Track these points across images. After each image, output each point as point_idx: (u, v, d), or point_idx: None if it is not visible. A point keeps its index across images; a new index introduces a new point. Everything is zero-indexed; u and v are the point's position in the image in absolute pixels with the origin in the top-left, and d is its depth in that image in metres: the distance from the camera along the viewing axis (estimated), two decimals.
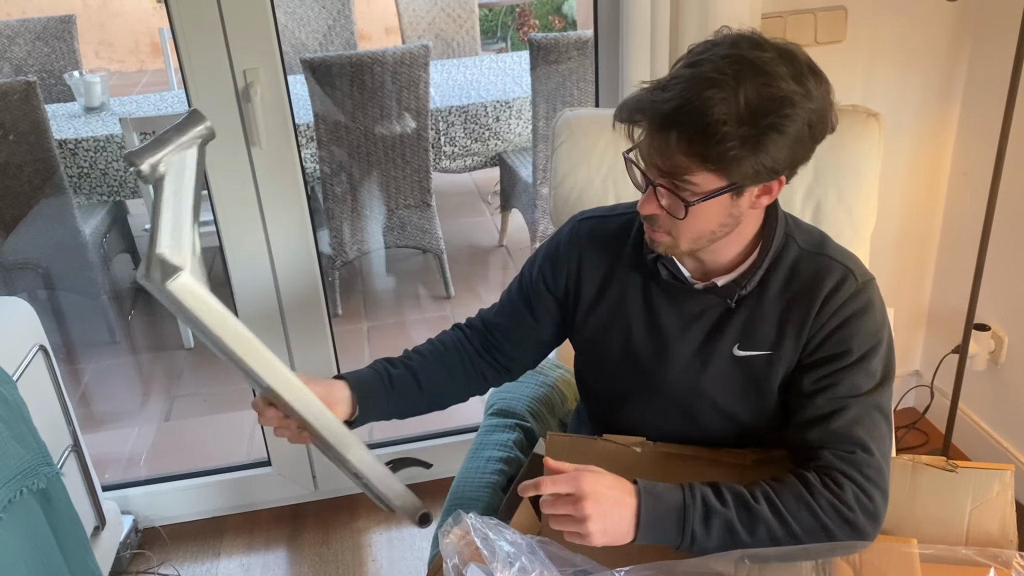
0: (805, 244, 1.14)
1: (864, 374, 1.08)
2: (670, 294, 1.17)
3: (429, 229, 3.25)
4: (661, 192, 1.02)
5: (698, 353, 1.16)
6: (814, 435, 1.08)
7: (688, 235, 1.06)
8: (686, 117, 0.95)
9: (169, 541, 2.15)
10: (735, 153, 0.96)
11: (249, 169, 1.88)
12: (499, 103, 3.37)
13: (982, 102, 2.06)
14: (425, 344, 1.30)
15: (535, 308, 1.27)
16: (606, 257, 1.22)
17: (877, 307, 1.11)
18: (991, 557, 1.04)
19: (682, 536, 1.03)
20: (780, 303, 1.12)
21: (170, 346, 3.13)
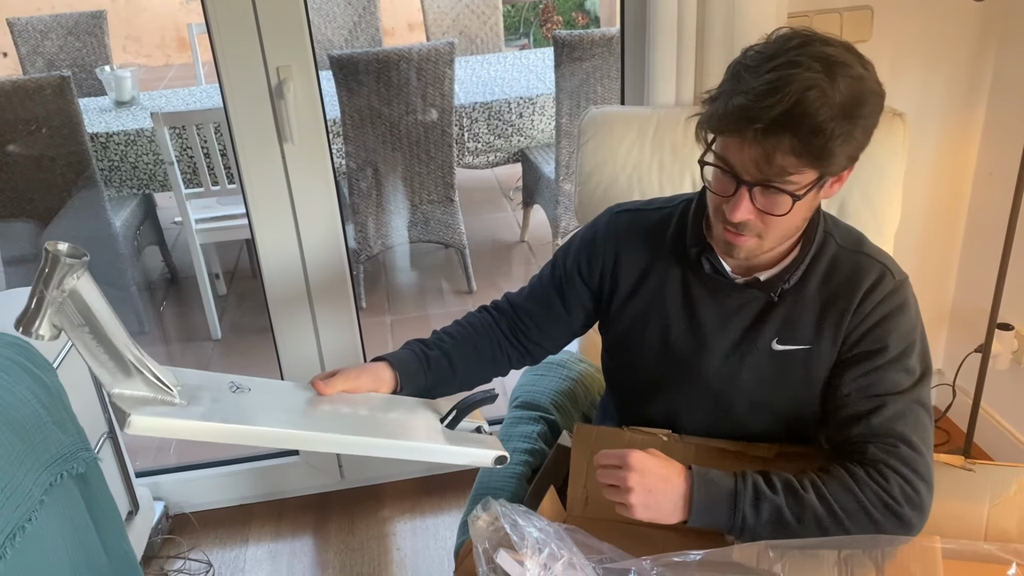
0: (843, 241, 1.16)
1: (903, 371, 1.11)
2: (710, 288, 1.19)
3: (452, 224, 3.28)
4: (756, 194, 1.03)
5: (737, 347, 1.18)
6: (857, 431, 1.10)
7: (778, 232, 1.08)
8: (797, 120, 0.96)
9: (199, 527, 2.20)
10: (836, 147, 0.98)
11: (281, 164, 1.92)
12: (523, 100, 3.40)
13: (1008, 102, 2.06)
14: (454, 326, 1.33)
15: (567, 297, 1.29)
16: (645, 250, 1.24)
17: (912, 305, 1.13)
18: (1013, 553, 1.05)
19: (732, 520, 1.05)
20: (819, 298, 1.14)
21: (198, 337, 3.18)
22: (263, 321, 2.09)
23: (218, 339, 3.16)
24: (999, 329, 2.11)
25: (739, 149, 1.01)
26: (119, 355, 0.99)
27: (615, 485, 1.06)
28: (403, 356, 1.25)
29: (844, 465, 1.08)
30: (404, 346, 1.29)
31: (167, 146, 2.91)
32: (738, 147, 1.01)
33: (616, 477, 1.06)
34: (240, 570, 2.07)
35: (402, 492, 2.29)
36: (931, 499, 1.08)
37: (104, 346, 0.98)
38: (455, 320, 1.35)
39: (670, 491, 1.06)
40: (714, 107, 1.03)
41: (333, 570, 2.05)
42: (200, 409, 1.03)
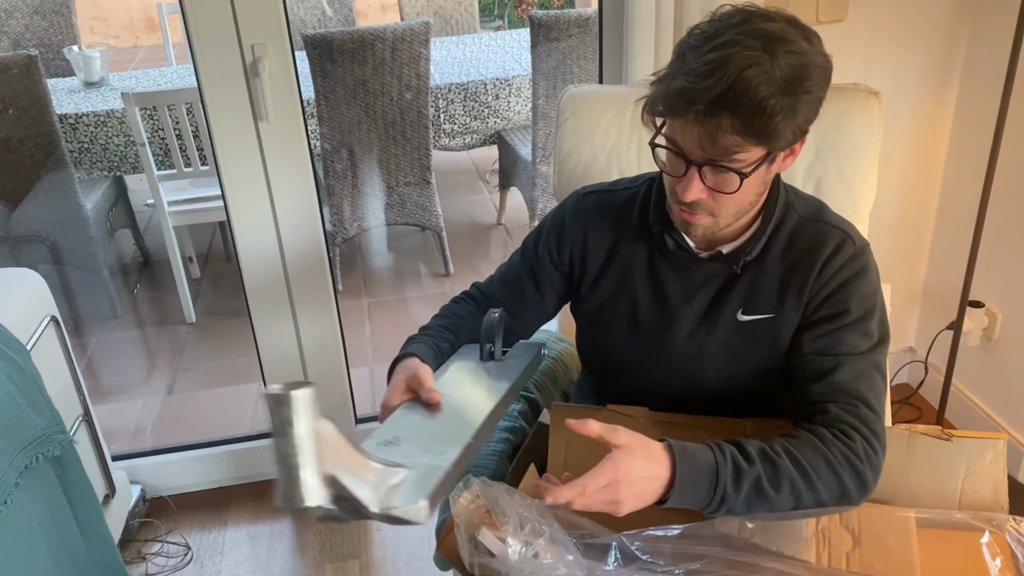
0: (804, 211, 1.18)
1: (863, 335, 1.12)
2: (675, 264, 1.21)
3: (429, 207, 3.27)
4: (706, 173, 1.04)
5: (703, 320, 1.20)
6: (817, 389, 1.11)
7: (731, 210, 1.09)
8: (736, 99, 0.96)
9: (176, 510, 2.19)
10: (779, 124, 0.99)
11: (257, 143, 1.90)
12: (499, 81, 3.38)
13: (981, 82, 2.09)
14: (448, 319, 1.32)
15: (540, 283, 1.30)
16: (611, 230, 1.25)
17: (872, 271, 1.15)
18: (985, 521, 1.07)
19: (712, 497, 1.02)
20: (781, 268, 1.16)
21: (172, 320, 3.15)
22: (238, 304, 2.07)
23: (192, 323, 3.13)
24: (970, 307, 2.14)
25: (683, 130, 1.02)
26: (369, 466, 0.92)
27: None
28: (425, 353, 1.22)
29: (808, 428, 1.09)
30: (416, 340, 1.26)
31: (138, 127, 2.86)
32: (682, 128, 1.02)
33: (607, 500, 0.99)
34: (219, 552, 2.06)
35: None
36: (882, 463, 1.09)
37: (358, 468, 0.90)
38: (441, 311, 1.34)
39: (656, 486, 1.01)
40: (657, 90, 1.03)
41: (313, 551, 2.05)
42: (426, 460, 0.98)
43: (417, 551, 2.03)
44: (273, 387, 0.86)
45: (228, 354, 2.93)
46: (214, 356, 2.94)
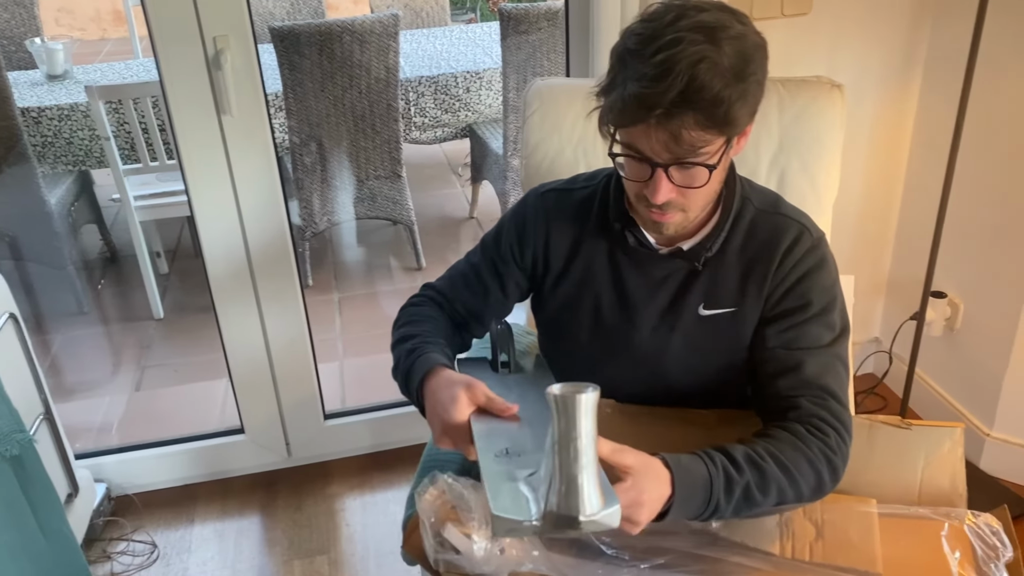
0: (761, 204, 1.19)
1: (825, 326, 1.13)
2: (636, 260, 1.21)
3: (400, 200, 3.26)
4: (672, 173, 1.04)
5: (665, 315, 1.20)
6: (786, 384, 1.11)
7: (700, 203, 1.09)
8: (695, 96, 0.96)
9: (143, 508, 2.16)
10: (736, 111, 0.99)
11: (220, 137, 1.87)
12: (469, 74, 3.37)
13: (942, 76, 2.11)
14: (429, 324, 1.26)
15: (505, 282, 1.29)
16: (573, 227, 1.24)
17: (831, 262, 1.16)
18: (944, 514, 1.09)
19: (705, 508, 1.02)
20: (741, 261, 1.16)
21: (139, 317, 3.11)
22: (206, 300, 2.05)
23: (160, 318, 3.10)
24: (933, 297, 2.17)
25: (646, 136, 1.01)
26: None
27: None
28: (446, 362, 1.18)
29: (783, 425, 1.10)
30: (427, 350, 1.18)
31: (103, 121, 2.82)
32: (644, 134, 1.01)
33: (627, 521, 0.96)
34: (186, 550, 2.04)
35: (351, 468, 2.28)
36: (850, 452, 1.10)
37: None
38: (412, 317, 1.28)
39: (660, 503, 0.99)
40: (610, 100, 1.02)
41: (281, 547, 2.04)
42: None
43: (386, 546, 2.02)
44: (555, 388, 0.85)
45: (196, 350, 2.90)
46: (182, 352, 2.91)
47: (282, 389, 2.20)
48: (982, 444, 2.15)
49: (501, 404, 1.05)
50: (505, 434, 1.03)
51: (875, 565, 1.03)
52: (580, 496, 0.84)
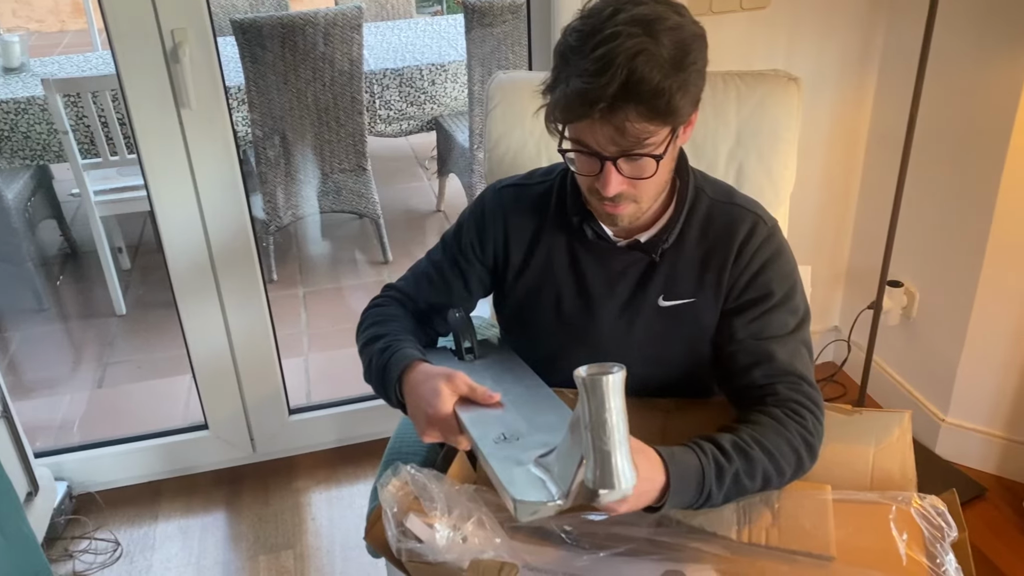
0: (715, 194, 1.21)
1: (789, 312, 1.16)
2: (595, 254, 1.22)
3: (365, 194, 3.24)
4: (621, 165, 1.05)
5: (626, 307, 1.21)
6: (760, 374, 1.14)
7: (651, 193, 1.11)
8: (636, 88, 0.98)
9: (105, 506, 2.14)
10: (678, 101, 1.01)
11: (179, 131, 1.86)
12: (434, 66, 3.36)
13: (898, 69, 2.15)
14: (397, 323, 1.26)
15: (468, 279, 1.29)
16: (532, 222, 1.25)
17: (787, 248, 1.19)
18: (891, 498, 1.11)
19: (698, 498, 1.03)
20: (698, 252, 1.18)
21: (101, 313, 3.07)
22: (169, 295, 2.03)
23: (123, 315, 3.06)
24: (889, 286, 2.21)
25: (591, 130, 1.03)
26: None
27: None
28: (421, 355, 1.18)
29: (762, 410, 1.12)
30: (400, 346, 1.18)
31: (60, 115, 2.78)
32: (589, 128, 1.03)
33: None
34: (150, 547, 2.03)
35: (316, 462, 2.28)
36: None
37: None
38: (379, 317, 1.28)
39: (652, 490, 1.00)
40: (555, 97, 1.04)
41: (247, 542, 2.03)
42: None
43: (352, 539, 2.02)
44: (582, 371, 0.87)
45: (159, 346, 2.87)
46: (145, 349, 2.88)
47: (246, 384, 2.19)
48: (937, 430, 2.20)
49: (484, 392, 1.07)
50: (495, 420, 1.06)
51: (829, 549, 1.05)
52: (616, 472, 0.86)
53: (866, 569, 0.99)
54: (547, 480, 0.94)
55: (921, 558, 1.00)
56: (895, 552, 1.01)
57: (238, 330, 2.11)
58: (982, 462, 2.17)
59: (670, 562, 1.07)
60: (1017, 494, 2.07)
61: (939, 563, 0.99)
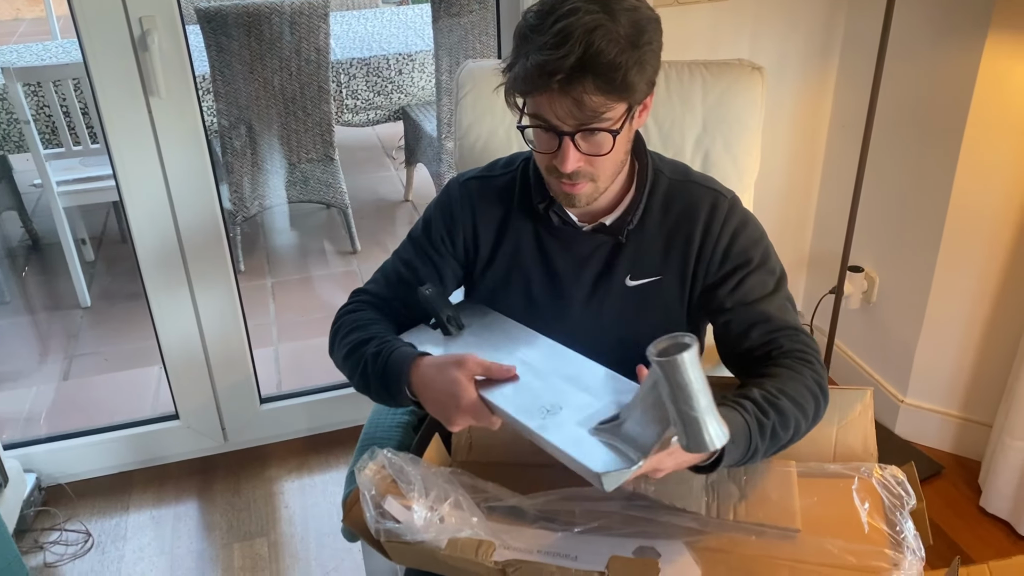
0: (672, 174, 1.24)
1: (768, 273, 1.20)
2: (561, 239, 1.24)
3: (333, 183, 3.24)
4: (578, 141, 1.08)
5: (594, 291, 1.24)
6: (757, 333, 1.18)
7: (608, 171, 1.13)
8: (592, 61, 1.01)
9: (75, 498, 2.13)
10: (633, 77, 1.04)
11: (148, 120, 1.85)
12: (401, 56, 3.36)
13: (858, 58, 2.20)
14: (375, 326, 1.25)
15: (442, 272, 1.29)
16: (498, 212, 1.27)
17: (751, 216, 1.23)
18: (854, 469, 1.16)
19: (746, 454, 1.04)
20: (662, 231, 1.22)
21: (65, 305, 3.04)
22: (135, 287, 2.02)
23: (87, 307, 3.02)
24: (850, 271, 2.27)
25: (550, 103, 1.05)
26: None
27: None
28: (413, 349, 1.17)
29: (773, 364, 1.15)
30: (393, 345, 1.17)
31: (21, 104, 2.73)
32: (548, 102, 1.05)
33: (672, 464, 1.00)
34: (121, 538, 2.02)
35: (288, 451, 2.28)
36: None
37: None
38: (357, 323, 1.25)
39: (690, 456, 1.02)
40: (514, 72, 1.06)
41: (220, 531, 2.03)
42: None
43: (325, 527, 2.04)
44: (653, 351, 0.87)
45: (126, 338, 2.85)
46: (111, 340, 2.86)
47: (217, 374, 2.18)
48: (896, 410, 2.27)
49: (499, 368, 1.08)
50: (525, 393, 1.06)
51: (794, 521, 1.08)
52: (708, 435, 0.89)
53: (830, 538, 1.03)
54: (618, 445, 0.96)
55: (882, 526, 1.04)
56: (858, 521, 1.05)
57: (209, 320, 2.11)
58: (939, 441, 2.24)
59: (642, 537, 1.10)
60: (972, 471, 2.14)
61: (899, 530, 1.03)
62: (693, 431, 0.89)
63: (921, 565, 0.99)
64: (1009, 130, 1.88)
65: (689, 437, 0.90)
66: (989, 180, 1.94)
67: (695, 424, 0.89)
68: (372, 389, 1.19)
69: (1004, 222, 1.96)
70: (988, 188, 1.95)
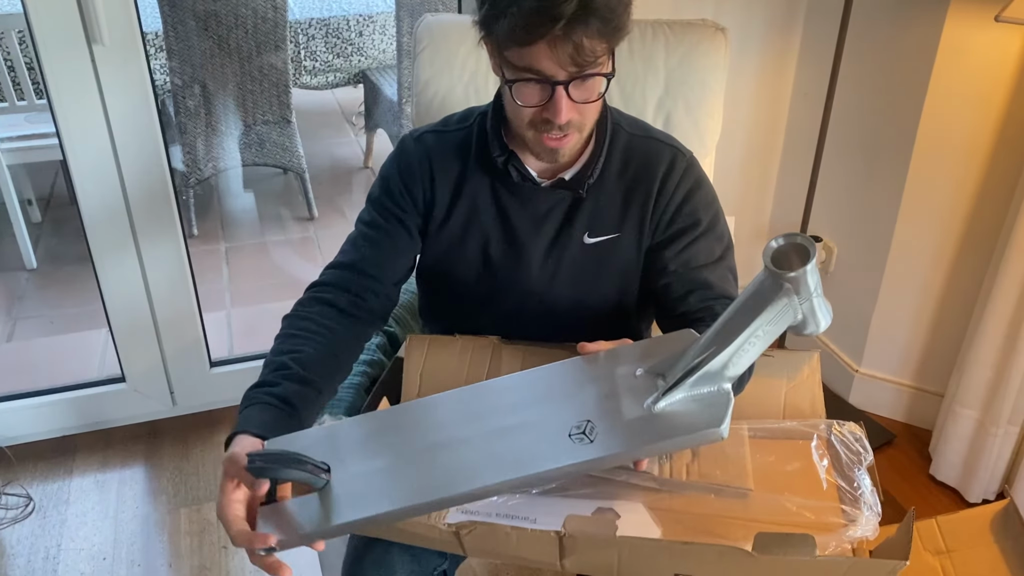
0: (632, 128, 1.22)
1: (715, 239, 1.19)
2: (519, 195, 1.21)
3: (290, 147, 3.16)
4: (571, 91, 1.04)
5: (552, 247, 1.21)
6: (694, 299, 1.16)
7: (593, 118, 1.11)
8: (592, 4, 0.98)
9: (15, 461, 2.06)
10: (625, 17, 1.02)
11: (92, 70, 1.77)
12: (362, 17, 3.29)
13: (820, 27, 2.19)
14: (302, 338, 1.12)
15: (408, 226, 1.23)
16: (454, 167, 1.22)
17: (706, 179, 1.22)
18: (812, 427, 1.16)
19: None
20: (620, 187, 1.19)
21: (9, 267, 2.94)
22: (83, 249, 1.95)
23: (33, 269, 2.93)
24: None
25: (549, 50, 1.00)
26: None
27: None
28: (266, 419, 1.00)
29: (706, 327, 1.13)
30: (250, 400, 1.03)
31: None
32: (548, 49, 1.00)
33: None
34: (64, 502, 1.97)
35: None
36: None
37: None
38: (292, 324, 1.15)
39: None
40: (505, 23, 1.00)
41: (167, 496, 1.99)
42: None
43: None
44: (769, 261, 0.81)
45: (73, 301, 2.76)
46: (58, 303, 2.77)
47: (165, 337, 2.12)
48: (851, 380, 2.28)
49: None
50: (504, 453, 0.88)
51: (746, 481, 1.08)
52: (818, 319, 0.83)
53: (788, 495, 1.03)
54: (688, 397, 0.87)
55: (839, 481, 1.04)
56: (816, 477, 1.05)
57: (157, 282, 2.05)
58: (892, 410, 2.26)
59: (601, 499, 1.09)
60: (923, 440, 2.17)
61: (856, 486, 1.03)
62: (809, 315, 0.83)
63: (877, 520, 1.00)
64: (968, 101, 1.88)
65: (804, 322, 0.83)
66: (947, 153, 1.95)
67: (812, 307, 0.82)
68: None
69: (961, 195, 1.97)
70: (946, 161, 1.95)
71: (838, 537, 0.99)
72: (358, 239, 1.24)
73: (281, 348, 1.11)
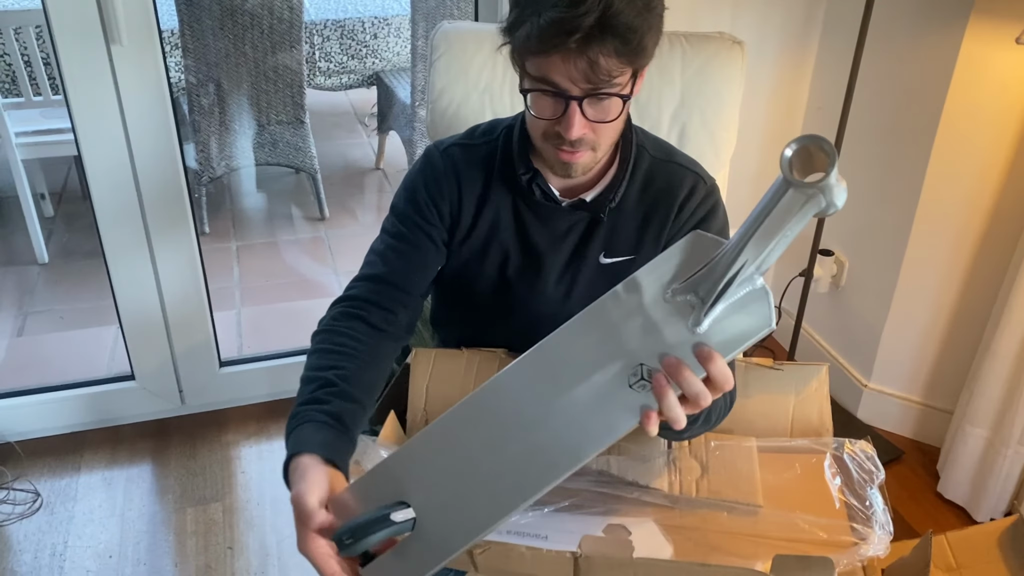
0: (655, 152, 1.21)
1: None
2: (540, 214, 1.21)
3: (303, 147, 3.17)
4: (585, 107, 1.03)
5: (568, 267, 1.21)
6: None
7: (610, 139, 1.10)
8: (613, 21, 0.97)
9: (24, 456, 2.07)
10: (647, 41, 1.01)
11: (109, 68, 1.78)
12: (377, 19, 3.30)
13: (837, 41, 2.18)
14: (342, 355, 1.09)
15: (434, 237, 1.22)
16: (479, 182, 1.22)
17: (722, 206, 1.22)
18: (825, 444, 1.15)
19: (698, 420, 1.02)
20: (639, 210, 1.19)
21: (21, 261, 2.95)
22: (95, 244, 1.96)
23: (45, 263, 2.95)
24: (821, 255, 2.27)
25: (563, 64, 1.00)
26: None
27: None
28: (328, 440, 0.99)
29: None
30: (302, 418, 1.01)
31: None
32: (562, 62, 1.00)
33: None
34: (71, 498, 1.97)
35: (247, 416, 2.24)
36: None
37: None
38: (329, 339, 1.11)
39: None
40: (524, 30, 1.01)
41: (173, 495, 2.00)
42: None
43: (282, 492, 1.98)
44: (790, 163, 0.82)
45: (84, 296, 2.78)
46: (69, 298, 2.79)
47: (175, 336, 2.13)
48: (860, 394, 2.28)
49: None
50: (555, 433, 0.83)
51: (756, 497, 1.08)
52: (838, 193, 0.82)
53: (800, 513, 1.03)
54: (727, 306, 0.84)
55: (851, 499, 1.04)
56: (828, 496, 1.06)
57: (168, 280, 2.05)
58: (900, 426, 2.25)
59: (612, 515, 1.09)
60: (931, 457, 2.16)
61: (868, 505, 1.03)
62: (829, 197, 0.81)
63: (889, 539, 1.00)
64: (984, 120, 1.88)
65: (826, 201, 0.81)
66: (962, 170, 1.94)
67: (831, 189, 0.81)
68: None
69: (974, 213, 1.96)
70: (960, 178, 1.95)
71: (849, 555, 0.99)
72: (386, 251, 1.21)
73: (322, 364, 1.07)
